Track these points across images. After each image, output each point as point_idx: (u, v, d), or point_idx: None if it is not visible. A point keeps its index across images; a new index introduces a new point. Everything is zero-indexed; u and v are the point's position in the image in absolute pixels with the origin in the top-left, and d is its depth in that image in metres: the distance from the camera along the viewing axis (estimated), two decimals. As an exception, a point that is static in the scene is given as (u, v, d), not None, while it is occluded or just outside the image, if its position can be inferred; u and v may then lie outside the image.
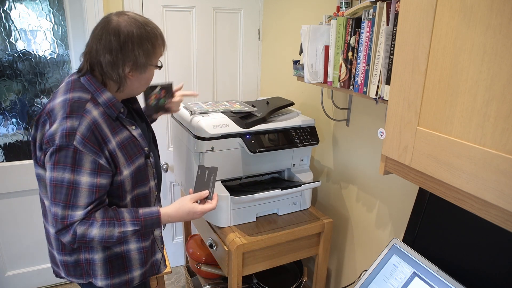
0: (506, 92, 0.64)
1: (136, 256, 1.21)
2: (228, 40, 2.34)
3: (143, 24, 1.06)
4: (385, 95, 1.12)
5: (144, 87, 1.19)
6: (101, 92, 1.06)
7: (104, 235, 1.04)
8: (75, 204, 1.00)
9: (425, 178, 0.86)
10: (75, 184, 0.99)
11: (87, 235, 1.02)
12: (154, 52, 1.10)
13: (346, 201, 1.74)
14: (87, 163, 0.99)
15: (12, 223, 2.16)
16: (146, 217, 1.10)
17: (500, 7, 0.64)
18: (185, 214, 1.17)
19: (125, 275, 1.20)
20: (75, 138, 0.97)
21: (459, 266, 1.07)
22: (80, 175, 1.00)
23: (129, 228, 1.07)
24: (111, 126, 1.07)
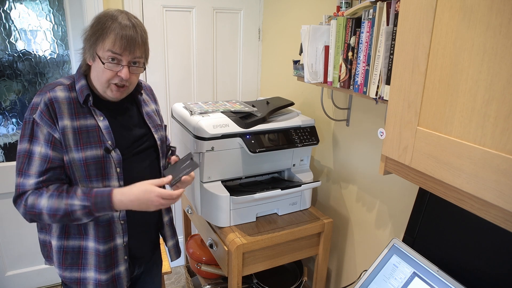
0: (506, 92, 0.64)
1: (92, 257, 1.17)
2: (228, 40, 2.34)
3: (112, 15, 1.06)
4: (385, 95, 1.12)
5: (100, 82, 1.09)
6: (79, 80, 1.12)
7: (52, 207, 1.02)
8: (27, 172, 1.05)
9: (425, 178, 0.86)
10: (30, 154, 1.06)
11: (36, 205, 1.03)
12: (102, 42, 1.04)
13: (346, 201, 1.74)
14: (42, 134, 1.06)
15: (12, 223, 2.16)
16: (97, 193, 1.05)
17: (500, 7, 0.64)
18: (141, 193, 1.05)
19: (77, 272, 1.17)
20: (35, 112, 1.06)
21: (459, 266, 1.07)
22: (35, 145, 1.06)
23: (77, 201, 1.03)
24: (74, 110, 1.09)
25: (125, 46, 1.05)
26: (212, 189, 1.51)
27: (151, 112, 1.30)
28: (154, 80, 2.19)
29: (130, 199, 1.06)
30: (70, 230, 1.15)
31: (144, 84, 1.36)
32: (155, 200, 1.06)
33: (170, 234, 1.39)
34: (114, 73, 1.07)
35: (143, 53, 1.11)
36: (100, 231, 1.15)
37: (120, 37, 1.03)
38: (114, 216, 1.16)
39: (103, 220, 1.15)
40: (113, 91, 1.10)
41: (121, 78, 1.08)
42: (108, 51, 1.04)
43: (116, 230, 1.18)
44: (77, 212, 1.04)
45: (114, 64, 1.06)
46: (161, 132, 1.31)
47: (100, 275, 1.17)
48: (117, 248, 1.19)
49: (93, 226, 1.15)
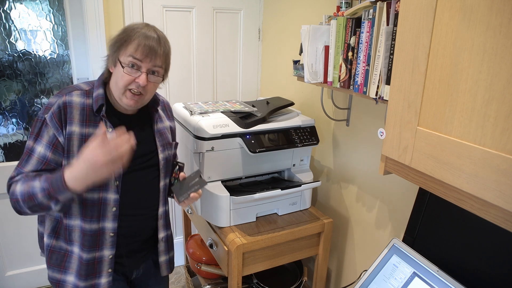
0: (506, 92, 0.64)
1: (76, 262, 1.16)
2: (228, 40, 2.34)
3: (137, 24, 1.11)
4: (385, 95, 1.12)
5: (118, 88, 1.09)
6: (97, 88, 1.13)
7: (22, 191, 1.01)
8: (23, 168, 1.07)
9: (425, 178, 0.86)
10: (31, 152, 1.07)
11: (13, 192, 1.04)
12: (125, 48, 1.07)
13: (346, 201, 1.74)
14: (47, 135, 1.07)
15: (12, 223, 2.16)
16: (53, 174, 1.00)
17: (500, 7, 0.64)
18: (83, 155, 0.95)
19: (58, 273, 1.18)
20: (48, 112, 1.07)
21: (459, 266, 1.07)
22: (38, 144, 1.07)
23: (38, 183, 0.99)
24: (85, 117, 1.10)
25: (147, 53, 1.07)
26: (212, 189, 1.51)
27: (163, 129, 1.28)
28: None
29: (77, 172, 0.95)
30: (60, 231, 1.17)
31: (162, 100, 1.35)
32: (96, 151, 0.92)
33: (164, 249, 1.34)
34: (132, 78, 1.08)
35: (163, 63, 1.13)
36: (86, 239, 1.14)
37: (143, 45, 1.07)
38: (104, 227, 1.15)
39: (92, 229, 1.13)
40: (128, 98, 1.10)
41: (138, 84, 1.08)
42: (129, 56, 1.07)
43: (105, 242, 1.16)
44: (38, 195, 0.99)
45: (134, 70, 1.08)
46: (169, 151, 1.29)
47: (80, 281, 1.16)
48: (102, 259, 1.17)
49: (79, 233, 1.14)
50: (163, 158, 1.25)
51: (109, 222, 1.15)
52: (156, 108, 1.26)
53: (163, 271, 1.35)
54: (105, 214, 1.14)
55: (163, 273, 1.35)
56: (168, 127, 1.32)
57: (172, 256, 1.38)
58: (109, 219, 1.15)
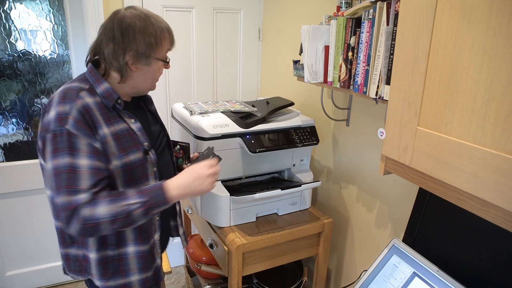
0: (506, 92, 0.64)
1: (134, 260, 1.16)
2: (228, 40, 2.34)
3: (148, 16, 1.07)
4: (385, 95, 1.12)
5: (151, 83, 1.15)
6: (100, 83, 1.07)
7: (111, 212, 0.97)
8: (78, 187, 0.96)
9: (425, 178, 0.86)
10: (75, 168, 0.97)
11: (94, 216, 0.96)
12: (158, 44, 1.08)
13: (346, 201, 1.74)
14: (83, 146, 0.98)
15: (12, 223, 2.16)
16: (148, 189, 1.04)
17: (500, 7, 0.64)
18: (189, 172, 1.09)
19: (120, 279, 1.16)
20: (67, 122, 0.97)
21: (459, 266, 1.07)
22: (78, 158, 0.97)
23: (134, 200, 1.00)
24: (105, 116, 1.05)
25: (174, 38, 1.15)
26: (212, 189, 1.51)
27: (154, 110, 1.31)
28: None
29: (185, 185, 1.07)
30: (107, 241, 1.13)
31: None
32: (204, 171, 1.10)
33: (180, 222, 1.42)
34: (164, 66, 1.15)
35: None
36: (142, 232, 1.16)
37: (171, 34, 1.13)
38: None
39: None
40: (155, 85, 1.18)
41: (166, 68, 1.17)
42: (166, 51, 1.13)
43: (154, 227, 1.20)
44: (135, 212, 0.99)
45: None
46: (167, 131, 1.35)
47: (146, 273, 1.20)
48: (155, 243, 1.23)
49: (132, 230, 1.14)
50: (169, 135, 1.33)
51: None
52: None
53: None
54: None
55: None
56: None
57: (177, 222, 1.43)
58: None
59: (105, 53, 1.06)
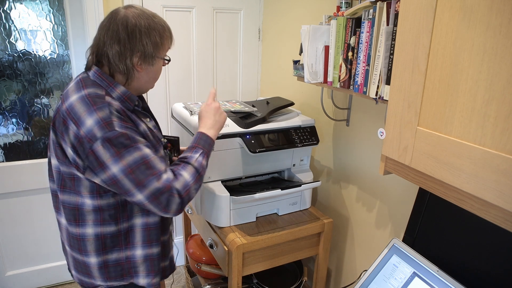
0: (506, 92, 0.64)
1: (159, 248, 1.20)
2: (228, 40, 2.34)
3: (150, 16, 1.07)
4: (385, 95, 1.12)
5: (153, 83, 1.16)
6: (114, 87, 1.05)
7: (192, 173, 1.06)
8: (160, 170, 1.00)
9: (425, 178, 0.86)
10: (146, 157, 0.99)
11: (184, 183, 1.03)
12: (162, 43, 1.09)
13: (346, 201, 1.74)
14: (137, 139, 0.99)
15: (12, 223, 2.16)
16: (195, 142, 1.15)
17: (500, 7, 0.64)
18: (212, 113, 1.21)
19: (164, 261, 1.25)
20: (114, 125, 0.96)
21: (459, 266, 1.07)
22: (142, 149, 0.99)
23: (197, 154, 1.11)
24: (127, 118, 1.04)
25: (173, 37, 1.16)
26: (212, 189, 1.51)
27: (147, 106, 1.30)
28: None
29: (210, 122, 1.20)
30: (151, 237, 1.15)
31: None
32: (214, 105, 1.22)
33: None
34: None
35: None
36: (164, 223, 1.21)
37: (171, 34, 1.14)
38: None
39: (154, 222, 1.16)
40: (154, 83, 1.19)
41: None
42: (168, 49, 1.14)
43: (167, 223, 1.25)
44: (203, 162, 1.11)
45: None
46: None
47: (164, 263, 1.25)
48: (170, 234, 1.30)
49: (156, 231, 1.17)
50: None
51: None
52: None
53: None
54: None
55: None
56: None
57: None
58: None
59: (110, 56, 1.03)
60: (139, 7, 1.09)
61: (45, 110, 2.14)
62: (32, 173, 2.11)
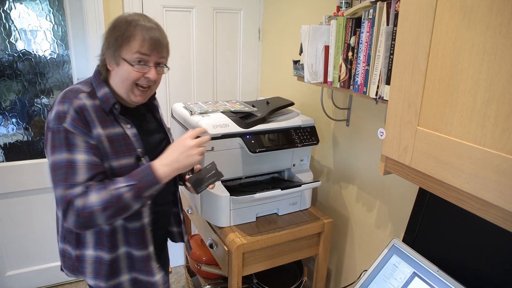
0: (506, 92, 0.64)
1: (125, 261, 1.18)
2: (228, 40, 2.34)
3: (131, 16, 1.07)
4: (385, 95, 1.12)
5: (122, 87, 1.09)
6: (101, 87, 1.09)
7: (102, 199, 0.98)
8: (74, 181, 0.99)
9: (425, 178, 0.86)
10: (72, 163, 1.00)
11: (86, 205, 0.97)
12: (124, 41, 1.04)
13: (346, 201, 1.74)
14: (80, 142, 1.02)
15: (12, 223, 2.16)
16: (138, 171, 1.04)
17: (500, 7, 0.64)
18: (174, 146, 1.06)
19: (111, 280, 1.17)
20: (65, 121, 1.01)
21: (459, 266, 1.07)
22: (76, 153, 1.01)
23: (123, 184, 1.00)
24: (101, 118, 1.07)
25: (154, 47, 1.05)
26: (212, 189, 1.51)
27: (161, 116, 1.32)
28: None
29: (171, 159, 1.05)
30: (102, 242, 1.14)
31: None
32: (187, 142, 1.06)
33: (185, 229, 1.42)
34: (141, 74, 1.07)
35: (167, 53, 1.12)
36: (132, 238, 1.15)
37: (149, 38, 1.04)
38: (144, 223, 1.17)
39: (134, 228, 1.15)
40: (137, 95, 1.10)
41: (148, 79, 1.08)
42: (136, 53, 1.04)
43: (147, 238, 1.18)
44: (125, 195, 0.99)
45: (142, 66, 1.07)
46: (172, 137, 1.33)
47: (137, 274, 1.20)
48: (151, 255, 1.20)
49: (123, 233, 1.15)
50: None
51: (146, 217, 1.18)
52: (155, 97, 1.28)
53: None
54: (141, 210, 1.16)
55: (176, 240, 1.40)
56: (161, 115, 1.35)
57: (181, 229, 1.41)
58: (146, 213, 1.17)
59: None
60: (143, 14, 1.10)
61: (45, 110, 2.14)
62: (32, 173, 2.11)
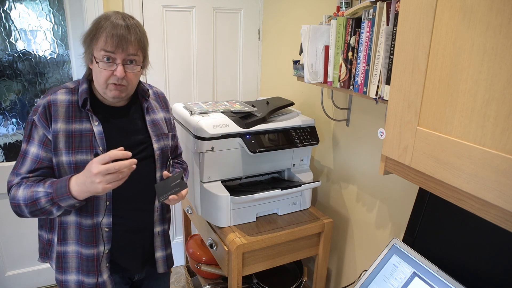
0: (506, 92, 0.64)
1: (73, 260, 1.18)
2: (228, 40, 2.34)
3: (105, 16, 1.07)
4: (385, 95, 1.12)
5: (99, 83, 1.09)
6: (82, 83, 1.14)
7: (24, 196, 1.04)
8: (19, 171, 1.09)
9: (425, 178, 0.86)
10: (25, 153, 1.10)
11: (16, 197, 1.05)
12: (93, 37, 1.05)
13: (346, 201, 1.74)
14: (37, 136, 1.09)
15: (12, 223, 2.16)
16: (59, 180, 1.03)
17: (500, 7, 0.64)
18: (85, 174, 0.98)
19: (59, 275, 1.21)
20: (35, 113, 1.09)
21: (459, 266, 1.07)
22: (30, 145, 1.10)
23: (42, 189, 1.03)
24: (71, 114, 1.11)
25: (117, 44, 1.03)
26: (212, 189, 1.51)
27: (158, 120, 1.27)
28: (154, 80, 2.19)
29: (80, 179, 0.99)
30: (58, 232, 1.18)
31: (155, 91, 1.34)
32: (93, 168, 0.95)
33: (161, 245, 1.31)
34: (110, 72, 1.06)
35: (137, 51, 1.08)
36: (83, 235, 1.15)
37: (111, 35, 1.03)
38: (99, 222, 1.15)
39: (87, 225, 1.14)
40: (112, 90, 1.09)
41: (116, 77, 1.07)
42: (101, 50, 1.04)
43: (100, 237, 1.16)
44: (41, 200, 1.02)
45: (109, 64, 1.06)
46: (165, 142, 1.26)
47: (83, 277, 1.18)
48: (100, 255, 1.18)
49: (74, 229, 1.16)
50: (158, 148, 1.23)
51: (103, 216, 1.15)
52: (146, 98, 1.24)
53: (159, 268, 1.32)
54: (98, 209, 1.14)
55: (159, 270, 1.32)
56: (163, 118, 1.30)
57: (169, 253, 1.35)
58: (102, 213, 1.15)
59: None
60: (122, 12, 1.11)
61: (45, 110, 2.14)
62: (32, 173, 2.11)
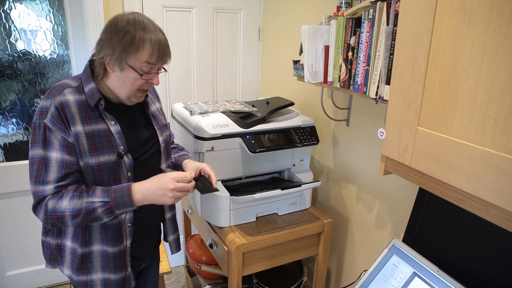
0: (506, 92, 0.64)
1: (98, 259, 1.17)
2: (228, 40, 2.34)
3: (139, 22, 1.05)
4: (385, 95, 1.12)
5: (124, 91, 1.10)
6: (88, 82, 1.10)
7: (74, 208, 1.02)
8: (46, 179, 1.04)
9: (425, 178, 0.86)
10: (46, 160, 1.04)
11: (58, 209, 1.02)
12: (133, 50, 1.03)
13: (346, 201, 1.74)
14: (56, 140, 1.04)
15: (12, 223, 2.16)
16: (116, 189, 1.05)
17: (500, 7, 0.64)
18: (156, 179, 1.06)
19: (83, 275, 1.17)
20: (46, 116, 1.03)
21: (459, 266, 1.07)
22: (50, 151, 1.04)
23: (97, 199, 1.03)
24: (85, 114, 1.07)
25: (162, 56, 1.08)
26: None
27: (156, 112, 1.29)
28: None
29: (147, 188, 1.05)
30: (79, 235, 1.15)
31: None
32: (169, 183, 1.05)
33: (172, 229, 1.39)
34: (145, 81, 1.09)
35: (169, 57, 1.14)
36: (109, 234, 1.15)
37: (158, 49, 1.06)
38: (122, 219, 1.16)
39: (112, 224, 1.15)
40: (138, 97, 1.13)
41: (151, 85, 1.11)
42: (144, 63, 1.05)
43: (124, 233, 1.18)
44: (97, 210, 1.03)
45: (148, 74, 1.09)
46: (166, 133, 1.30)
47: (110, 275, 1.18)
48: (125, 250, 1.20)
49: (99, 229, 1.15)
50: (163, 141, 1.26)
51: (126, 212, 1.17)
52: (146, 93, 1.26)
53: (172, 250, 1.40)
54: None
55: (172, 252, 1.40)
56: (159, 109, 1.32)
57: (178, 236, 1.42)
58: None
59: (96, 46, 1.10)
60: (145, 16, 1.09)
61: (45, 110, 2.14)
62: (32, 173, 2.11)
